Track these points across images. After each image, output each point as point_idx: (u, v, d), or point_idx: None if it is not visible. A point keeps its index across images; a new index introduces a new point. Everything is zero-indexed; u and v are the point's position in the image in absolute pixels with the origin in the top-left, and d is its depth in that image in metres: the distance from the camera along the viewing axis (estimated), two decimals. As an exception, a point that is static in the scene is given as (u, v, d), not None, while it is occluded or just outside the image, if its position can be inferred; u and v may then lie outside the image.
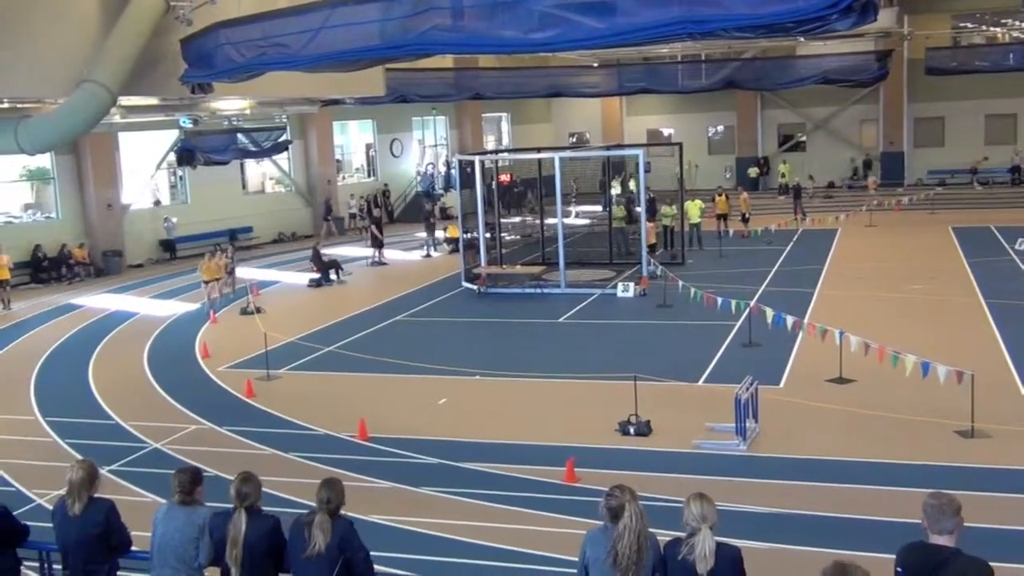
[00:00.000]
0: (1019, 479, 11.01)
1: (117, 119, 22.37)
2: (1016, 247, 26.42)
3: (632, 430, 13.03)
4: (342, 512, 6.16)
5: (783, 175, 43.10)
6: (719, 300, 17.46)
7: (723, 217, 31.61)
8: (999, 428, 12.47)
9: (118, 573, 6.71)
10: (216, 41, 13.69)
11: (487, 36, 10.75)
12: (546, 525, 10.32)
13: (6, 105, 16.17)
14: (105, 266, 30.41)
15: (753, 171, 44.58)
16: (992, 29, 41.32)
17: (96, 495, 6.57)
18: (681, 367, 16.06)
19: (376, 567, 6.29)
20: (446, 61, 34.88)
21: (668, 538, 5.68)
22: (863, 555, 9.09)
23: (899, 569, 5.08)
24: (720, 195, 32.60)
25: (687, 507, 5.50)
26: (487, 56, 35.68)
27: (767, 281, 24.12)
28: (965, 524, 5.10)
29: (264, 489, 6.52)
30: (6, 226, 29.40)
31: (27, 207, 30.83)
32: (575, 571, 5.90)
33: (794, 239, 30.93)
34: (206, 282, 23.42)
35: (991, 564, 4.98)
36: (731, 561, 5.42)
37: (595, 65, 40.23)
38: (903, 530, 5.50)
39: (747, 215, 32.49)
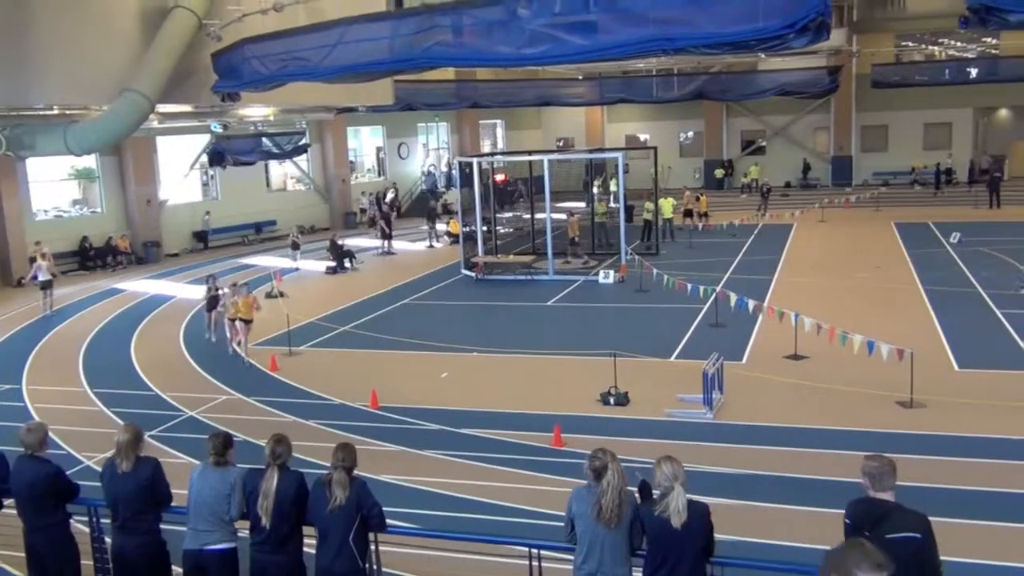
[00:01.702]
0: (952, 444, 11.08)
1: (155, 124, 22.22)
2: (950, 240, 26.46)
3: (612, 400, 13.07)
4: (355, 472, 6.18)
5: (745, 175, 43.16)
6: (689, 286, 17.48)
7: (703, 215, 31.66)
8: (934, 399, 12.54)
9: (160, 526, 6.73)
10: (243, 55, 13.60)
11: (484, 52, 10.70)
12: (536, 484, 10.34)
13: (56, 111, 16.07)
14: (145, 255, 30.30)
15: (719, 172, 44.55)
16: (931, 47, 41.31)
17: (142, 454, 6.59)
18: (655, 345, 16.09)
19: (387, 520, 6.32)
20: (448, 73, 34.71)
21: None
22: (815, 510, 9.17)
23: (848, 521, 5.13)
24: (702, 195, 32.73)
25: (658, 468, 5.50)
26: (484, 69, 35.54)
27: (731, 269, 24.15)
28: (904, 484, 5.14)
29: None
30: (57, 219, 29.31)
31: (75, 203, 30.69)
32: (562, 524, 5.93)
33: (755, 233, 30.95)
34: (247, 322, 16.47)
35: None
36: (700, 515, 5.46)
37: (580, 78, 40.10)
38: (850, 488, 5.55)
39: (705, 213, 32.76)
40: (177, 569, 6.57)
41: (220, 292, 18.05)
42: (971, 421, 11.77)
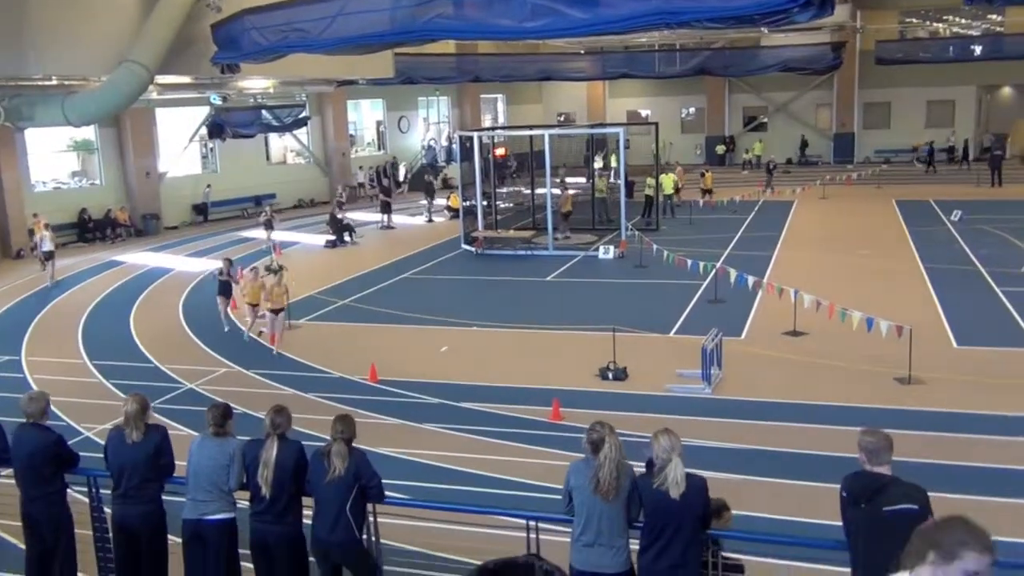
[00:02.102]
0: (949, 420, 11.12)
1: (154, 95, 22.16)
2: (951, 218, 26.43)
3: (611, 375, 13.09)
4: (354, 444, 6.19)
5: (746, 151, 43.07)
6: (689, 262, 17.47)
7: (708, 191, 31.59)
8: (932, 376, 12.57)
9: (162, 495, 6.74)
10: (243, 26, 13.52)
11: (485, 24, 10.63)
12: (534, 457, 10.39)
13: (55, 82, 15.98)
14: (144, 227, 30.26)
15: (720, 148, 44.42)
16: (935, 24, 41.02)
17: (149, 422, 6.61)
18: (654, 320, 16.10)
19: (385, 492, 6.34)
20: (449, 47, 34.52)
21: (641, 470, 5.73)
22: (812, 484, 9.21)
23: (844, 494, 5.14)
24: (707, 171, 32.67)
25: (656, 442, 5.51)
26: (485, 42, 35.36)
27: (731, 245, 24.12)
28: (901, 459, 5.14)
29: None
30: (56, 191, 29.23)
31: (74, 174, 30.60)
32: (560, 497, 5.95)
33: (756, 209, 30.87)
34: (276, 311, 15.49)
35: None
36: (698, 488, 5.47)
37: (581, 52, 39.91)
38: (848, 463, 5.57)
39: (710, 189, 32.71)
40: (176, 539, 6.60)
41: (231, 276, 17.16)
42: (969, 398, 11.80)
